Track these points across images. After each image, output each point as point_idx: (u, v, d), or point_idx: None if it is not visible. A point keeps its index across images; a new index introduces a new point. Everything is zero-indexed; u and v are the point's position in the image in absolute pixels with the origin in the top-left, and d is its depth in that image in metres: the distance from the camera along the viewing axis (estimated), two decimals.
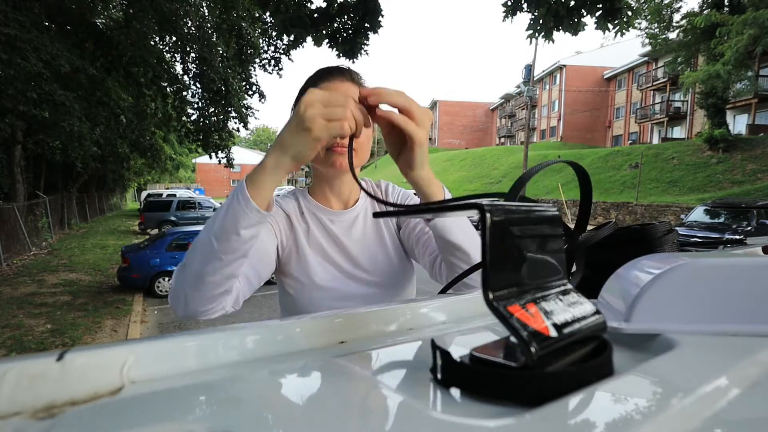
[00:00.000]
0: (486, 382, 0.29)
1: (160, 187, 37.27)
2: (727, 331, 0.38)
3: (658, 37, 20.15)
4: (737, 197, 12.97)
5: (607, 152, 23.66)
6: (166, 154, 19.40)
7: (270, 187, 0.67)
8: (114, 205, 28.53)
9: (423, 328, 0.49)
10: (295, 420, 0.26)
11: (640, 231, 0.71)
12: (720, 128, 18.65)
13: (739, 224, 9.16)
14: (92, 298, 7.00)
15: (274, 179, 0.67)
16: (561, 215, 0.38)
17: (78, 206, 18.08)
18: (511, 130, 49.51)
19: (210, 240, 0.68)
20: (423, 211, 0.58)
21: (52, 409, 0.28)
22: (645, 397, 0.28)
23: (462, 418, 0.25)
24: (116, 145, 11.64)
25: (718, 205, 9.57)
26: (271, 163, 0.66)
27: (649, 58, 28.78)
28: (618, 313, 0.42)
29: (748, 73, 18.38)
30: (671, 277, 0.41)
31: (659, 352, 0.36)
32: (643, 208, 15.18)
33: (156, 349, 0.35)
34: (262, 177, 0.66)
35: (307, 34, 5.25)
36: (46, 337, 5.23)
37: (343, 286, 0.95)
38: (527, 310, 0.30)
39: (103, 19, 10.36)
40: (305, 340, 0.42)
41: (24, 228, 10.37)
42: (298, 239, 0.96)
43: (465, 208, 0.37)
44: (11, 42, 6.11)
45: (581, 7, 4.72)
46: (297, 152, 0.64)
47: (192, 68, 10.70)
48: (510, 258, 0.31)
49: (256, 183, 0.67)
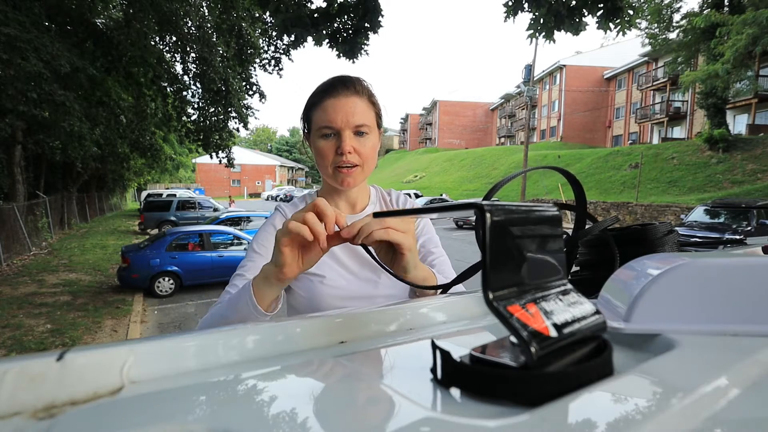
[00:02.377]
0: (486, 382, 0.29)
1: (160, 187, 37.28)
2: (727, 331, 0.38)
3: (658, 37, 20.16)
4: (737, 197, 12.97)
5: (607, 152, 23.67)
6: (166, 154, 19.41)
7: (268, 292, 0.72)
8: (114, 205, 28.53)
9: (423, 328, 0.49)
10: (295, 420, 0.26)
11: (640, 231, 0.71)
12: (720, 128, 18.66)
13: (739, 224, 9.16)
14: (92, 298, 7.01)
15: (267, 285, 0.71)
16: (561, 215, 0.38)
17: (78, 206, 18.09)
18: (511, 130, 49.53)
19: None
20: (423, 212, 0.58)
21: (52, 409, 0.28)
22: (645, 397, 0.28)
23: (462, 418, 0.25)
24: (116, 145, 11.65)
25: (718, 205, 9.57)
26: (266, 270, 0.70)
27: (649, 58, 28.79)
28: (618, 313, 0.42)
29: (748, 73, 18.38)
30: (671, 277, 0.41)
31: (659, 352, 0.36)
32: (643, 208, 15.18)
33: (156, 349, 0.35)
34: (261, 282, 0.71)
35: (307, 34, 5.25)
36: (46, 337, 5.23)
37: (353, 286, 0.96)
38: (527, 310, 0.30)
39: (103, 19, 10.36)
40: (305, 340, 0.42)
41: (24, 228, 10.38)
42: None
43: (465, 208, 0.37)
44: (11, 42, 6.11)
45: (582, 7, 4.71)
46: (274, 258, 0.67)
47: (192, 68, 10.72)
48: (510, 258, 0.31)
49: (258, 285, 0.71)
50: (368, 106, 0.93)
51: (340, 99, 0.90)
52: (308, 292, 0.95)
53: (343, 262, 0.97)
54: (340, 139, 0.89)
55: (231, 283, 0.88)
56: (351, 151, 0.89)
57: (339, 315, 0.46)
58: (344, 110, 0.89)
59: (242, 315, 0.72)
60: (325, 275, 0.94)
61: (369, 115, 0.92)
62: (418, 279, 0.76)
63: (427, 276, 0.79)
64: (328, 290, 0.94)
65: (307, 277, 0.95)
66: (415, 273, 0.75)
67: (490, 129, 57.94)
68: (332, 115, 0.89)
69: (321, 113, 0.90)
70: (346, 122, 0.89)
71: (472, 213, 0.34)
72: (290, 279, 0.68)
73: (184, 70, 10.88)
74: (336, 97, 0.90)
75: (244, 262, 0.92)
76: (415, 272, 0.74)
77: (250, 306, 0.71)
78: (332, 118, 0.89)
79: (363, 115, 0.91)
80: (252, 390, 0.32)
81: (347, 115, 0.89)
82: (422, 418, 0.26)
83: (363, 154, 0.91)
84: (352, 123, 0.89)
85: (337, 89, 0.91)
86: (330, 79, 0.95)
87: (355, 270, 0.97)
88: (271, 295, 0.72)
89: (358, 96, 0.92)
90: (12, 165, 10.07)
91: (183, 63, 10.78)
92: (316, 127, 0.91)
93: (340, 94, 0.90)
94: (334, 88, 0.91)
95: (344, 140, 0.89)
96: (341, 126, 0.89)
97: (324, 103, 0.90)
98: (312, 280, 0.95)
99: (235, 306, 0.74)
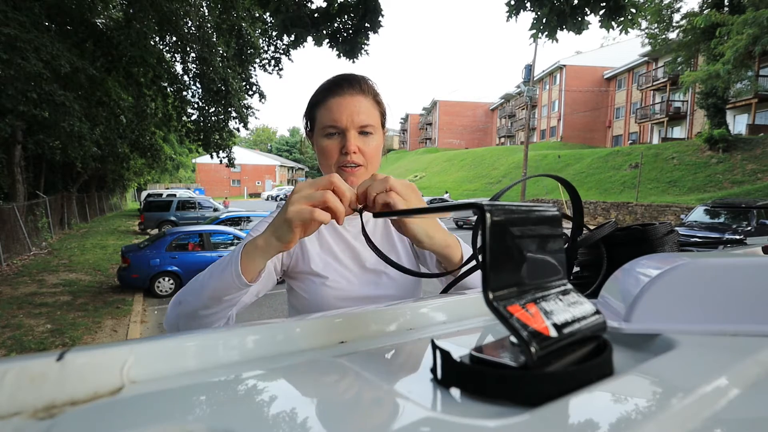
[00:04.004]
0: (486, 382, 0.29)
1: (160, 187, 37.28)
2: (727, 331, 0.38)
3: (658, 37, 20.14)
4: (737, 197, 12.97)
5: (607, 152, 23.67)
6: (166, 154, 19.41)
7: (260, 264, 0.71)
8: (114, 205, 28.53)
9: (423, 328, 0.48)
10: (295, 420, 0.26)
11: (640, 231, 0.71)
12: (720, 128, 18.66)
13: (739, 224, 9.16)
14: (92, 298, 7.01)
15: (263, 256, 0.70)
16: (561, 215, 0.38)
17: (78, 206, 18.08)
18: (511, 130, 49.52)
19: (201, 293, 0.75)
20: (423, 212, 0.58)
21: (52, 409, 0.28)
22: (645, 397, 0.28)
23: (462, 418, 0.25)
24: (116, 145, 11.64)
25: (718, 205, 9.57)
26: (262, 243, 0.69)
27: (649, 58, 28.78)
28: (618, 313, 0.42)
29: (748, 73, 18.37)
30: (671, 277, 0.41)
31: (659, 352, 0.36)
32: (643, 208, 15.18)
33: (156, 349, 0.35)
34: (254, 252, 0.70)
35: (307, 34, 5.25)
36: (46, 337, 5.23)
37: (355, 287, 0.95)
38: (527, 310, 0.30)
39: (103, 19, 10.36)
40: (305, 340, 0.42)
41: (24, 228, 10.37)
42: (309, 241, 0.96)
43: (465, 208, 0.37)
44: (11, 42, 6.11)
45: (585, 6, 4.68)
46: (278, 234, 0.66)
47: (192, 68, 10.71)
48: (510, 258, 0.31)
49: (250, 255, 0.70)
50: (373, 105, 0.91)
51: (345, 98, 0.88)
52: (310, 293, 0.94)
53: (345, 264, 0.96)
54: (344, 138, 0.88)
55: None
56: (356, 151, 0.88)
57: (339, 315, 0.46)
58: (349, 109, 0.87)
59: (224, 284, 0.72)
60: (327, 276, 0.94)
61: (374, 114, 0.91)
62: (439, 246, 0.75)
63: (449, 243, 0.76)
64: (330, 291, 0.93)
65: (309, 278, 0.95)
66: (431, 241, 0.73)
67: (490, 129, 57.94)
68: (337, 114, 0.87)
69: (325, 112, 0.89)
70: (351, 122, 0.87)
71: (472, 213, 0.34)
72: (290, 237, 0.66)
73: (184, 70, 10.88)
74: (341, 95, 0.89)
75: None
76: (431, 240, 0.73)
77: (233, 275, 0.70)
78: (337, 117, 0.87)
79: (368, 115, 0.89)
80: (252, 390, 0.32)
81: (352, 114, 0.87)
82: (422, 418, 0.26)
83: (367, 154, 0.90)
84: (358, 122, 0.88)
85: (342, 88, 0.89)
86: (335, 77, 0.93)
87: (356, 271, 0.96)
88: (260, 266, 0.71)
89: (364, 95, 0.90)
90: (12, 165, 10.07)
91: (183, 63, 10.78)
92: (320, 125, 0.90)
93: (345, 92, 0.89)
94: (340, 87, 0.90)
95: (349, 140, 0.87)
96: (346, 125, 0.87)
97: (329, 102, 0.89)
98: (314, 281, 0.94)
99: (219, 275, 0.73)
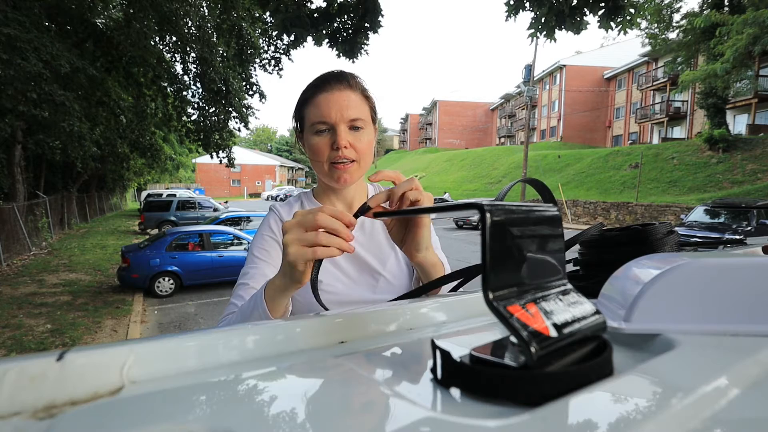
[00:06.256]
0: (486, 382, 0.29)
1: (160, 187, 37.25)
2: (727, 331, 0.38)
3: (658, 37, 20.14)
4: (737, 197, 12.97)
5: (607, 152, 23.67)
6: (166, 154, 19.40)
7: (284, 301, 0.72)
8: (114, 205, 28.52)
9: (423, 328, 0.48)
10: (295, 420, 0.26)
11: (640, 231, 0.71)
12: (720, 128, 18.66)
13: (739, 224, 9.17)
14: (92, 298, 7.01)
15: (285, 294, 0.71)
16: (561, 215, 0.38)
17: (78, 206, 18.08)
18: (511, 130, 49.51)
19: None
20: (423, 212, 0.58)
21: (52, 409, 0.28)
22: (645, 397, 0.28)
23: (462, 418, 0.25)
24: (116, 145, 11.66)
25: (718, 205, 9.57)
26: (279, 283, 0.70)
27: (649, 58, 28.78)
28: (618, 313, 0.42)
29: (748, 73, 18.37)
30: (671, 277, 0.41)
31: (659, 352, 0.36)
32: (643, 208, 15.17)
33: (156, 349, 0.35)
34: (274, 294, 0.71)
35: (307, 34, 5.25)
36: (46, 337, 5.23)
37: (351, 291, 0.94)
38: (527, 310, 0.30)
39: (103, 19, 10.36)
40: (305, 340, 0.42)
41: (24, 228, 10.37)
42: None
43: (465, 208, 0.37)
44: (11, 42, 6.11)
45: (584, 6, 4.69)
46: (290, 275, 0.66)
47: (192, 68, 10.73)
48: (510, 258, 0.31)
49: (273, 298, 0.71)
50: (362, 100, 0.91)
51: (333, 93, 0.88)
52: (306, 297, 0.93)
53: (342, 267, 0.95)
54: (335, 134, 0.87)
55: (235, 294, 0.86)
56: (347, 146, 0.87)
57: (339, 315, 0.46)
58: (338, 104, 0.87)
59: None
60: (322, 280, 0.93)
61: (364, 109, 0.90)
62: (428, 262, 0.75)
63: (436, 262, 0.77)
64: (326, 295, 0.91)
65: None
66: (426, 254, 0.74)
67: (490, 129, 57.92)
68: (326, 109, 0.86)
69: (314, 109, 0.88)
70: (340, 116, 0.86)
71: (472, 213, 0.34)
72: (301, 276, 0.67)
73: (184, 70, 10.89)
74: (329, 91, 0.88)
75: (246, 270, 0.90)
76: (426, 252, 0.74)
77: (264, 318, 0.70)
78: (326, 112, 0.86)
79: (358, 109, 0.88)
80: (252, 390, 0.32)
81: (341, 109, 0.86)
82: (422, 418, 0.26)
83: (359, 149, 0.89)
84: (347, 117, 0.87)
85: (330, 83, 0.89)
86: (322, 75, 0.92)
87: (353, 275, 0.95)
88: (284, 303, 0.72)
89: (352, 90, 0.90)
90: (12, 165, 10.07)
91: (183, 63, 10.79)
92: (310, 123, 0.89)
93: (333, 88, 0.88)
94: (327, 83, 0.89)
95: (339, 134, 0.86)
96: (336, 120, 0.86)
97: (317, 99, 0.88)
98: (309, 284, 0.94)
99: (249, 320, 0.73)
